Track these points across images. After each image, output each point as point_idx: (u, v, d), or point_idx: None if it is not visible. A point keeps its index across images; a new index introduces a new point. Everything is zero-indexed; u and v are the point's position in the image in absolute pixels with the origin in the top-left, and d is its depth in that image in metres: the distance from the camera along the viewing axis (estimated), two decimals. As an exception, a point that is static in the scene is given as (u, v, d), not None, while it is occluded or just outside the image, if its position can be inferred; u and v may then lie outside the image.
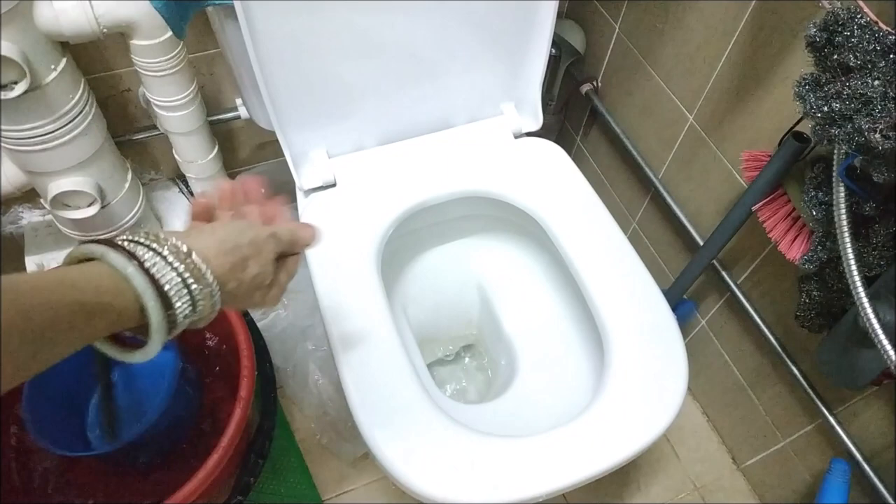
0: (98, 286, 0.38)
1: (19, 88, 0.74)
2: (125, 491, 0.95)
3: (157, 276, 0.40)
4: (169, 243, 0.41)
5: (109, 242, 0.40)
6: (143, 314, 0.40)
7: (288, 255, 0.54)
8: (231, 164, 1.16)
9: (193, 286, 0.41)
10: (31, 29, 0.75)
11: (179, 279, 0.41)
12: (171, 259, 0.40)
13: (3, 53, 0.70)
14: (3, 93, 0.74)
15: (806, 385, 0.90)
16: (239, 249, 0.46)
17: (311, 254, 0.84)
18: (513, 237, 1.02)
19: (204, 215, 0.52)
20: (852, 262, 0.63)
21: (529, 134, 0.98)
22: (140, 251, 0.40)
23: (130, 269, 0.39)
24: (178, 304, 0.41)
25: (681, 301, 1.04)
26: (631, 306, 0.80)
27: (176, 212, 1.15)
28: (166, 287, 0.40)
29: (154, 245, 0.41)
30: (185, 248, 0.42)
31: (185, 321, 0.42)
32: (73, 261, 0.40)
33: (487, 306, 1.02)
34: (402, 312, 0.96)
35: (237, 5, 0.69)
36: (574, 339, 0.93)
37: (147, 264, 0.40)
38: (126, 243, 0.40)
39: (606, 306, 0.79)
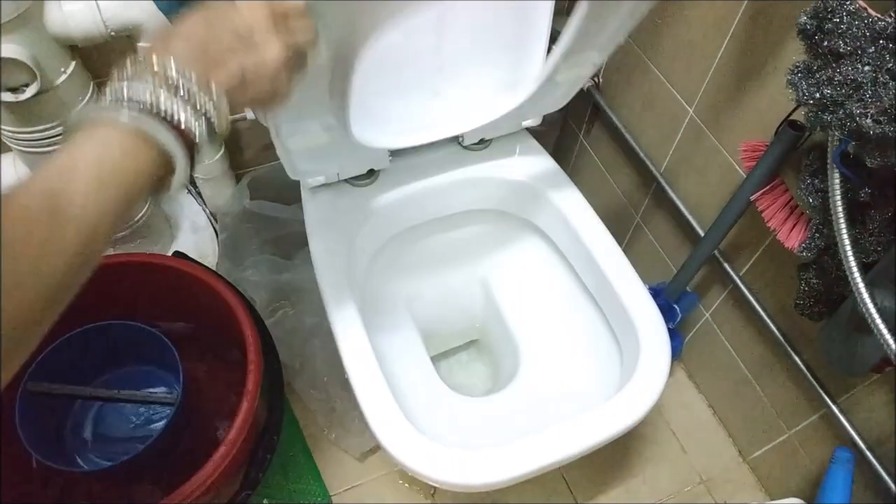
0: (133, 155, 0.38)
1: (30, 91, 0.76)
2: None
3: (175, 119, 0.39)
4: (167, 72, 0.39)
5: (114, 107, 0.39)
6: (167, 160, 0.39)
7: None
8: (237, 164, 1.18)
9: (206, 105, 0.40)
10: (41, 32, 0.77)
11: (192, 111, 0.40)
12: (172, 98, 0.39)
13: (14, 57, 0.73)
14: (14, 95, 0.76)
15: (809, 375, 0.90)
16: (221, 44, 0.43)
17: (316, 250, 0.86)
18: (515, 233, 1.03)
19: None
20: (849, 248, 0.64)
21: (530, 130, 0.99)
22: (146, 97, 0.38)
23: (162, 132, 0.38)
24: (196, 132, 0.40)
25: (684, 293, 1.05)
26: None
27: (184, 212, 1.17)
28: (183, 127, 0.39)
29: (153, 89, 0.39)
30: (174, 75, 0.39)
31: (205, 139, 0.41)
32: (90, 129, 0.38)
33: (491, 301, 1.03)
34: (407, 306, 0.97)
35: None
36: (579, 332, 0.94)
37: (165, 111, 0.39)
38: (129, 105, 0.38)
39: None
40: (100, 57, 0.93)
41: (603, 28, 0.69)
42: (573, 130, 1.32)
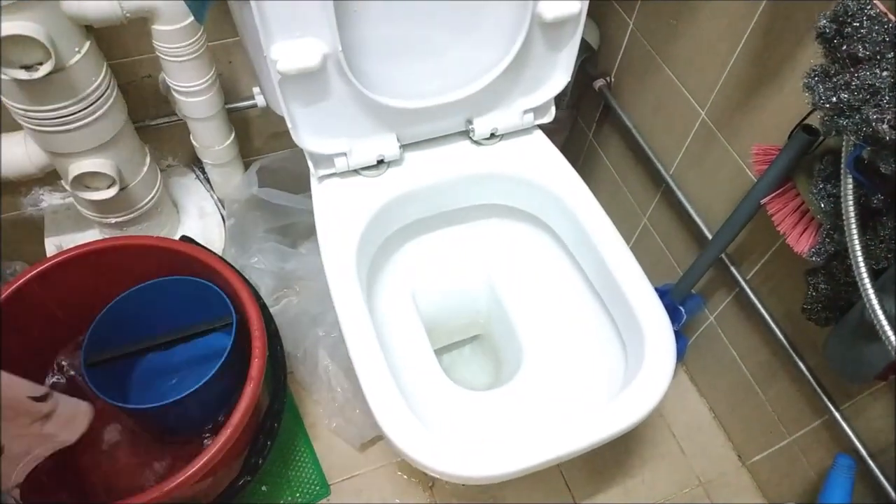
0: None
1: (44, 69, 0.76)
2: (144, 450, 1.01)
3: None
4: None
5: None
6: None
7: None
8: (246, 152, 1.18)
9: None
10: (56, 11, 0.77)
11: None
12: None
13: (30, 34, 0.73)
14: (28, 73, 0.76)
15: (812, 381, 0.90)
16: None
17: (324, 239, 0.86)
18: (523, 228, 1.03)
19: None
20: (859, 254, 0.64)
21: (542, 127, 0.99)
22: None
23: None
24: None
25: (689, 295, 1.05)
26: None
27: (192, 197, 1.17)
28: None
29: None
30: None
31: None
32: None
33: (496, 296, 1.03)
34: (412, 298, 0.97)
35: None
36: (584, 330, 0.94)
37: None
38: None
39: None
40: (115, 38, 0.94)
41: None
42: (583, 130, 1.32)
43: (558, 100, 0.96)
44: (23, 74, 0.76)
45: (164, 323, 0.99)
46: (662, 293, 1.04)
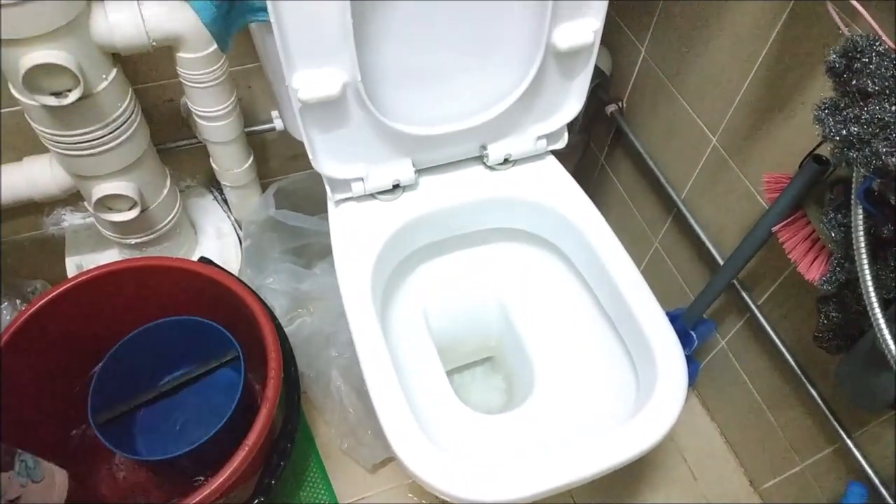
0: None
1: (73, 96, 0.79)
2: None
3: None
4: None
5: None
6: None
7: None
8: (263, 173, 1.20)
9: None
10: (86, 40, 0.80)
11: None
12: None
13: (61, 63, 0.75)
14: (57, 100, 0.79)
15: (825, 408, 0.90)
16: None
17: (340, 260, 0.87)
18: (535, 252, 1.04)
19: None
20: (870, 284, 0.64)
21: (554, 152, 1.01)
22: None
23: None
24: None
25: (701, 320, 1.05)
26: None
27: (209, 218, 1.20)
28: None
29: None
30: None
31: None
32: None
33: (508, 319, 1.04)
34: (425, 320, 0.98)
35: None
36: (595, 355, 0.94)
37: None
38: None
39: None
40: (140, 65, 0.97)
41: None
42: (594, 153, 1.33)
43: (570, 124, 0.97)
44: (52, 101, 0.79)
45: (169, 362, 1.02)
46: (674, 318, 1.04)
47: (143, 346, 1.00)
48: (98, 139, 0.87)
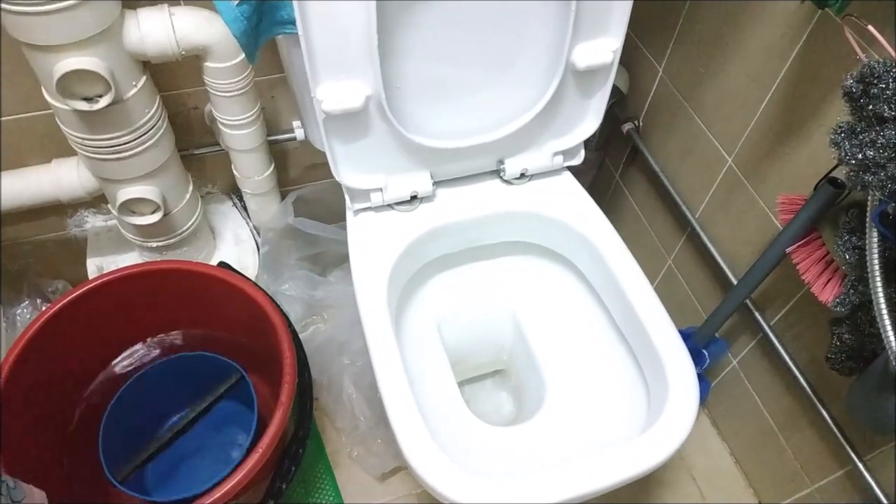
0: None
1: (104, 101, 0.81)
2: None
3: None
4: None
5: None
6: None
7: None
8: (283, 181, 1.22)
9: None
10: (118, 48, 0.82)
11: None
12: None
13: (94, 69, 0.77)
14: (89, 105, 0.81)
15: (836, 430, 0.90)
16: None
17: (357, 269, 0.88)
18: (549, 266, 1.05)
19: None
20: (884, 306, 0.65)
21: (570, 168, 1.02)
22: None
23: None
24: None
25: (713, 339, 1.05)
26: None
27: (228, 224, 1.22)
28: None
29: None
30: None
31: None
32: None
33: (520, 332, 1.05)
34: (438, 331, 0.99)
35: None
36: (607, 370, 0.95)
37: None
38: None
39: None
40: (167, 72, 0.99)
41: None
42: (610, 170, 1.34)
43: (587, 141, 0.98)
44: (84, 106, 0.81)
45: (173, 400, 1.07)
46: (686, 336, 1.04)
47: (144, 391, 1.03)
48: (125, 144, 0.89)
